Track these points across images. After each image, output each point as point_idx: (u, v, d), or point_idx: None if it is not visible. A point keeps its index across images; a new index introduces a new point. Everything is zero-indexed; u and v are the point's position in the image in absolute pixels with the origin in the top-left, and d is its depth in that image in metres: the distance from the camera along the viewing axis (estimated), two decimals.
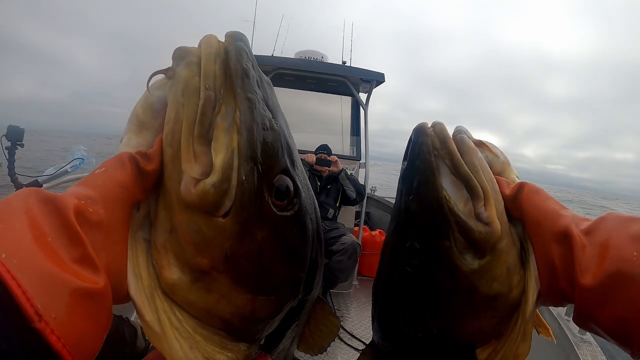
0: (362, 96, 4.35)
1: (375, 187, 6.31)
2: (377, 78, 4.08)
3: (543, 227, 0.49)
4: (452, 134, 0.55)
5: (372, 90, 4.22)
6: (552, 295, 0.49)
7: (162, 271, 0.45)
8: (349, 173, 3.70)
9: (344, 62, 4.80)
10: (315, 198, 0.61)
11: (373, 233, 4.34)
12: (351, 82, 4.13)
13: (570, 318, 2.08)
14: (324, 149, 3.82)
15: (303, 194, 0.53)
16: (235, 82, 0.46)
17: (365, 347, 0.77)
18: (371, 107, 4.27)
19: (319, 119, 5.27)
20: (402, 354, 0.65)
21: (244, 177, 0.44)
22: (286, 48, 5.06)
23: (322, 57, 4.53)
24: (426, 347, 0.59)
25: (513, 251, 0.53)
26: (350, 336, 3.00)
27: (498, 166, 0.58)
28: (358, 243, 3.28)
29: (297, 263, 0.54)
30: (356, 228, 4.15)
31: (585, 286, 0.42)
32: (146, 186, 0.45)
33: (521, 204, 0.52)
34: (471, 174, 0.51)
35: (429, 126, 0.56)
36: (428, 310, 0.57)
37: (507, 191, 0.54)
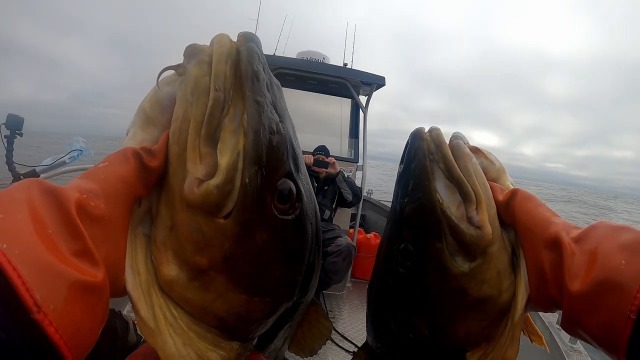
0: (362, 99, 4.36)
1: (371, 190, 6.32)
2: (378, 81, 4.09)
3: (534, 234, 0.49)
4: (449, 140, 0.56)
5: (372, 93, 4.23)
6: (542, 300, 0.50)
7: (161, 267, 0.45)
8: (346, 175, 3.70)
9: (345, 64, 4.81)
10: (316, 202, 0.61)
11: (368, 236, 4.34)
12: (351, 85, 4.13)
13: (560, 326, 2.09)
14: (322, 150, 3.82)
15: (305, 199, 0.53)
16: (244, 84, 0.46)
17: (358, 349, 0.77)
18: (370, 107, 4.28)
19: (318, 120, 5.28)
20: (395, 356, 0.65)
21: (248, 180, 0.44)
22: (288, 48, 5.07)
23: (324, 59, 4.54)
24: (418, 349, 0.60)
25: (504, 256, 0.53)
26: (341, 338, 3.00)
27: (493, 172, 0.59)
28: (353, 245, 3.28)
29: (295, 266, 0.54)
30: (351, 230, 4.15)
31: (573, 293, 0.42)
32: (149, 182, 0.45)
33: (513, 210, 0.52)
34: (464, 178, 0.52)
35: (426, 131, 0.57)
36: (420, 311, 0.57)
37: (501, 197, 0.55)
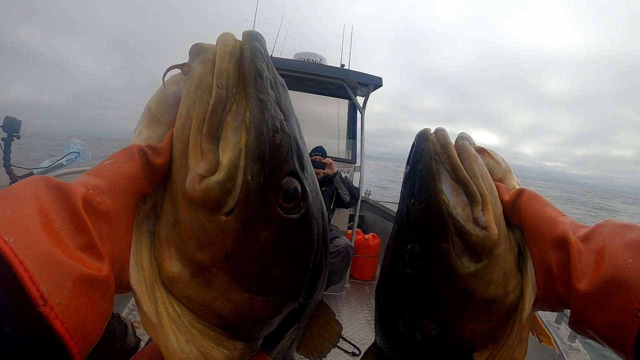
0: (360, 99, 4.37)
1: (369, 191, 6.33)
2: (375, 82, 4.10)
3: (541, 233, 0.50)
4: (455, 141, 0.56)
5: (370, 94, 4.24)
6: (549, 300, 0.50)
7: (163, 264, 0.45)
8: (344, 176, 3.70)
9: (342, 65, 4.82)
10: (323, 202, 0.61)
11: (366, 236, 4.34)
12: (349, 86, 4.14)
13: (559, 325, 2.11)
14: (319, 151, 3.82)
15: (311, 198, 0.53)
16: (248, 82, 0.46)
17: (367, 349, 0.78)
18: (369, 107, 4.29)
19: (316, 121, 5.28)
20: (403, 356, 0.65)
21: (250, 177, 0.44)
22: (285, 49, 5.08)
23: (321, 60, 4.55)
24: (426, 349, 0.60)
25: (510, 256, 0.53)
26: (340, 339, 2.99)
27: (499, 173, 0.59)
28: (351, 246, 3.29)
29: (300, 266, 0.53)
30: (350, 231, 4.15)
31: (581, 291, 0.42)
32: (154, 179, 0.45)
33: (520, 210, 0.53)
34: (470, 179, 0.52)
35: (432, 132, 0.57)
36: (427, 312, 0.57)
37: (507, 197, 0.55)
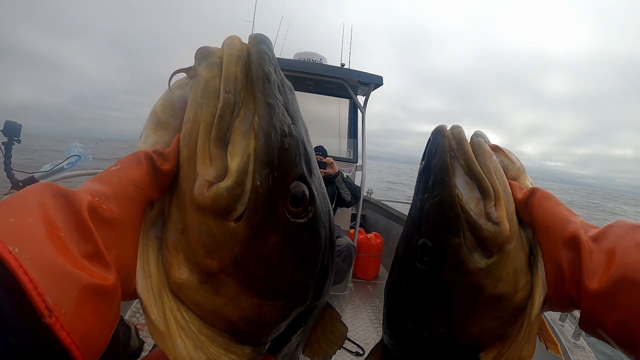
0: (360, 99, 4.36)
1: (371, 190, 6.34)
2: (376, 81, 4.10)
3: (552, 232, 0.50)
4: (470, 138, 0.57)
5: (370, 93, 4.24)
6: (559, 299, 0.50)
7: (171, 270, 0.45)
8: (345, 176, 3.69)
9: (343, 65, 4.82)
10: (330, 205, 0.60)
11: (369, 236, 4.34)
12: (349, 85, 4.14)
13: (564, 323, 2.10)
14: (320, 151, 3.81)
15: (319, 202, 0.53)
16: (255, 86, 0.45)
17: (374, 347, 0.78)
18: (369, 107, 4.30)
19: (317, 121, 5.29)
20: (410, 354, 0.65)
21: (259, 183, 0.43)
22: (285, 49, 5.08)
23: (321, 59, 4.55)
24: (433, 347, 0.60)
25: (521, 254, 0.53)
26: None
27: (513, 172, 0.59)
28: (353, 245, 3.29)
29: (307, 270, 0.53)
30: (352, 230, 4.15)
31: (591, 291, 0.42)
32: (161, 185, 0.45)
33: (532, 209, 0.53)
34: (484, 175, 0.52)
35: (448, 129, 0.58)
36: (436, 307, 0.57)
37: (519, 195, 0.55)
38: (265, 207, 0.45)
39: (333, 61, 4.74)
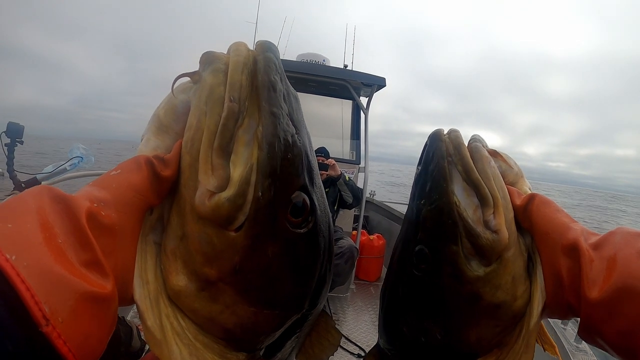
0: (363, 100, 4.35)
1: (374, 192, 6.32)
2: (378, 82, 4.09)
3: (552, 239, 0.49)
4: (467, 142, 0.56)
5: (373, 94, 4.23)
6: (558, 307, 0.49)
7: (169, 277, 0.45)
8: (347, 178, 3.67)
9: (346, 66, 4.81)
10: (330, 214, 0.60)
11: (371, 237, 4.33)
12: (352, 86, 4.12)
13: (565, 326, 2.09)
14: (322, 152, 3.79)
15: (319, 212, 0.52)
16: (261, 95, 0.45)
17: (369, 351, 0.77)
18: (372, 108, 4.28)
19: (320, 122, 5.28)
20: (406, 359, 0.65)
21: (261, 193, 0.43)
22: (288, 51, 5.08)
23: (324, 61, 4.54)
24: (430, 353, 0.59)
25: (520, 261, 0.53)
26: (346, 340, 2.99)
27: (511, 177, 0.59)
28: (356, 247, 3.27)
29: (305, 279, 0.53)
30: (354, 232, 4.14)
31: (591, 299, 0.42)
32: (161, 191, 0.44)
33: (531, 215, 0.52)
34: (482, 181, 0.52)
35: (445, 133, 0.57)
36: (433, 314, 0.57)
37: (518, 201, 0.54)
38: (266, 218, 0.44)
39: (336, 62, 4.74)
